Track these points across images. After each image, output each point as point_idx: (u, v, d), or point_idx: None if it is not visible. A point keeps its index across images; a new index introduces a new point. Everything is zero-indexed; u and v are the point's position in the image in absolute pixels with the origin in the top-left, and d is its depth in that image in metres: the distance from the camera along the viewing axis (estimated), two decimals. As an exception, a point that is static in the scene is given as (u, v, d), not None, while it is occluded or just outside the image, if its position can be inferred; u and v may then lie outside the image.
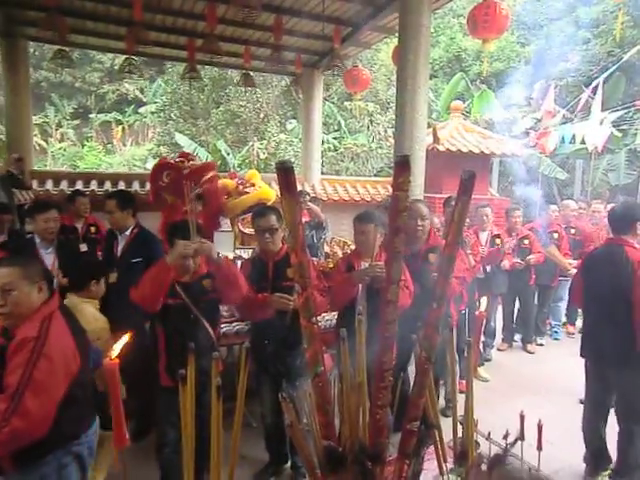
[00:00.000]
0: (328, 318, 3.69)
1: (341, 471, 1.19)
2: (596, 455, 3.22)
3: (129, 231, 3.59)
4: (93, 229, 4.69)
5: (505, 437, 1.54)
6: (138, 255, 3.41)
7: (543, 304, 6.08)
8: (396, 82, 5.29)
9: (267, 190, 5.42)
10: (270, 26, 6.33)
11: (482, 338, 5.30)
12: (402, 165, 1.09)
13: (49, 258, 3.52)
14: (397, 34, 5.44)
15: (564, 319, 6.47)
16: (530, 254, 5.45)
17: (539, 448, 1.66)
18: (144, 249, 3.45)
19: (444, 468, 1.45)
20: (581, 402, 4.32)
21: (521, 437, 1.60)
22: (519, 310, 5.86)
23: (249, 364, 1.19)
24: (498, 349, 5.74)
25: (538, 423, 1.66)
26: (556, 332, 6.29)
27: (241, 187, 5.30)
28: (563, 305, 6.29)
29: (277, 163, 0.99)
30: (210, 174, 5.04)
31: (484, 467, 1.43)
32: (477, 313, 1.59)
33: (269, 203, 4.91)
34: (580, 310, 6.73)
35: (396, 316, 1.14)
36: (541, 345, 5.98)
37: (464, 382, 1.61)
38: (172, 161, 5.03)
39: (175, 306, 2.60)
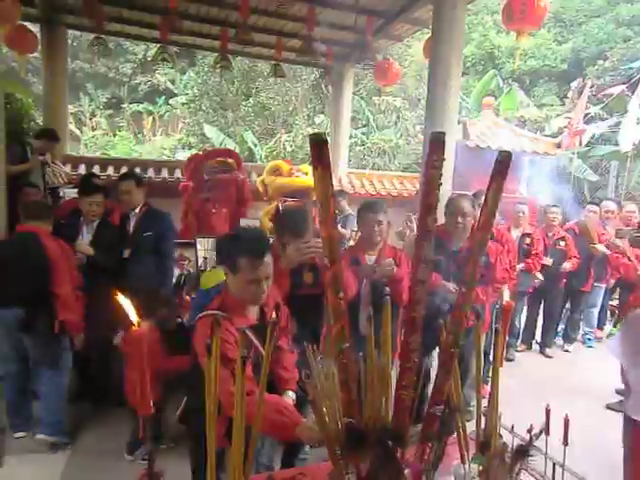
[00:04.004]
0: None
1: (362, 451, 1.19)
2: None
3: (138, 209, 3.83)
4: None
5: (529, 431, 1.51)
6: (148, 229, 3.72)
7: (575, 310, 5.85)
8: (427, 76, 5.22)
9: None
10: (303, 17, 6.32)
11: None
12: (437, 143, 1.07)
13: (88, 237, 3.79)
14: (430, 27, 5.37)
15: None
16: (565, 257, 5.29)
17: (565, 443, 1.62)
18: (153, 224, 3.78)
19: (466, 456, 1.43)
20: (607, 407, 4.24)
21: (546, 431, 1.57)
22: (543, 312, 5.72)
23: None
24: (516, 350, 5.55)
25: (565, 417, 1.62)
26: (589, 339, 6.02)
27: (294, 171, 5.57)
28: (596, 311, 6.09)
29: (311, 135, 0.98)
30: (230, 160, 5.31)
31: (507, 458, 1.40)
32: (505, 303, 1.55)
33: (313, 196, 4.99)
34: (609, 315, 6.61)
35: (424, 296, 1.13)
36: (567, 352, 5.79)
37: (487, 387, 1.58)
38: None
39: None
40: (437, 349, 2.40)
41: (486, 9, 18.54)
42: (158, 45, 6.96)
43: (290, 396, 2.10)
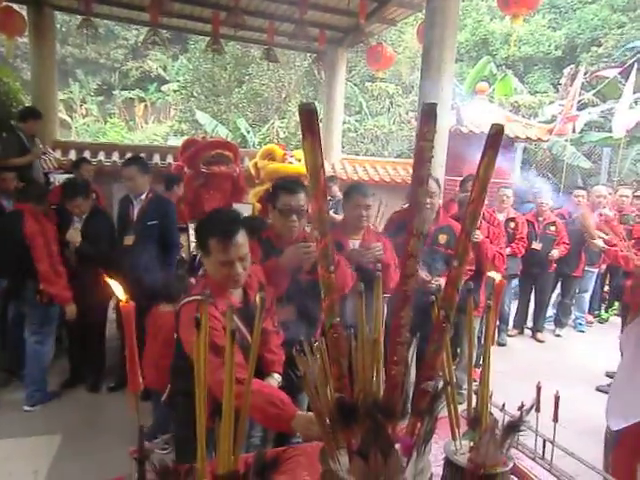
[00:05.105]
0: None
1: (352, 425, 1.18)
2: None
3: (144, 196, 3.75)
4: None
5: (520, 408, 1.51)
6: (154, 218, 3.66)
7: (566, 295, 5.89)
8: (421, 59, 5.18)
9: None
10: (295, 0, 6.23)
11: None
12: (428, 114, 1.06)
13: (78, 225, 3.79)
14: (424, 10, 5.31)
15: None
16: (555, 242, 5.30)
17: (555, 420, 1.64)
18: (159, 212, 3.71)
19: (457, 432, 1.43)
20: (598, 389, 4.30)
21: (537, 407, 1.58)
22: (534, 297, 5.75)
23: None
24: (508, 335, 5.59)
25: (555, 394, 1.63)
26: (580, 324, 6.09)
27: (287, 157, 5.50)
28: (588, 296, 6.14)
29: (300, 105, 0.96)
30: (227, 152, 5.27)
31: (498, 433, 1.41)
32: (497, 282, 1.54)
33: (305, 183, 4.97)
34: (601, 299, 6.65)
35: (416, 270, 1.12)
36: (558, 336, 5.85)
37: (478, 371, 1.58)
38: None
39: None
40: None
41: (480, -5, 18.41)
42: (148, 29, 6.85)
43: (276, 378, 2.07)
